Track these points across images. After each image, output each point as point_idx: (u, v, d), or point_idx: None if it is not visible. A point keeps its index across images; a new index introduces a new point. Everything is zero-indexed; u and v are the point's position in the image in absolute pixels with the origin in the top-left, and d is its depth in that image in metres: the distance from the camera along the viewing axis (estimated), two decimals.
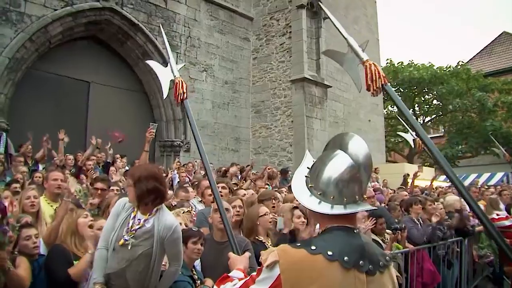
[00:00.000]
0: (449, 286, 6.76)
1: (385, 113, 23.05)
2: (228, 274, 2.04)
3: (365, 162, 1.81)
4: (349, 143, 1.82)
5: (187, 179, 9.11)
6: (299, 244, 1.72)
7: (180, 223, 4.02)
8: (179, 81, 3.30)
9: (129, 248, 3.04)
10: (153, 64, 3.80)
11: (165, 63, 12.36)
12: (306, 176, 1.89)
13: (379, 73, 2.23)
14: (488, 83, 26.64)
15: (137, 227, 3.09)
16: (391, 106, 28.08)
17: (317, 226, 3.16)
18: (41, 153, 8.63)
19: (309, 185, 1.84)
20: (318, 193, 1.79)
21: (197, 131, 3.02)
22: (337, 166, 1.78)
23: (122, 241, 3.03)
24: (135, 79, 13.86)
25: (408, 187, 10.87)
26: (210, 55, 15.09)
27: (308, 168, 1.92)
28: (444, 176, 9.69)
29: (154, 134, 5.69)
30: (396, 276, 1.92)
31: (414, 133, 8.30)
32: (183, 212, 4.57)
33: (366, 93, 2.41)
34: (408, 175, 11.57)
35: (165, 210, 3.30)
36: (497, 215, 6.15)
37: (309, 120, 14.84)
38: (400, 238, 5.84)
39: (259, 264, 1.76)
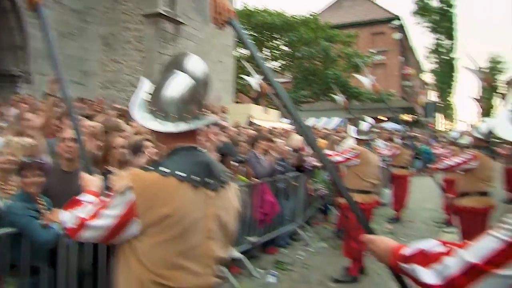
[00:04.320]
0: (287, 216, 7.36)
1: (236, 55, 23.44)
2: (78, 198, 1.97)
3: (203, 79, 1.88)
4: (186, 63, 1.87)
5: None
6: (151, 168, 1.76)
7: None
8: None
9: None
10: None
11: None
12: (147, 101, 1.92)
13: (225, 5, 2.20)
14: (333, 34, 28.46)
15: None
16: (242, 48, 28.60)
17: None
18: None
19: (151, 109, 1.88)
20: (162, 115, 1.83)
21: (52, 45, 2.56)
22: (176, 86, 1.83)
23: None
24: None
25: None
26: None
27: (149, 93, 1.94)
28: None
29: None
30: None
31: (260, 76, 8.68)
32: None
33: (218, 34, 2.36)
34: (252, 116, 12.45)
35: None
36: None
37: (161, 56, 14.49)
38: (246, 172, 6.19)
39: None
